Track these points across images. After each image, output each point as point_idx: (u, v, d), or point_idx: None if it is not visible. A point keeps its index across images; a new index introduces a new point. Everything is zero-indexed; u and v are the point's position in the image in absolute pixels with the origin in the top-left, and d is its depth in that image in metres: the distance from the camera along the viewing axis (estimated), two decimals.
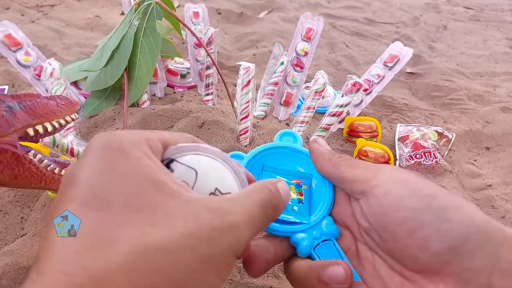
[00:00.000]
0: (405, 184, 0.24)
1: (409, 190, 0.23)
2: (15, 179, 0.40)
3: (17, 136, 0.40)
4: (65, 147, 0.52)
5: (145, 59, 0.74)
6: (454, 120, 1.03)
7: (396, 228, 0.23)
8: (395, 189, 0.24)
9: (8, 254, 0.49)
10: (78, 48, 1.18)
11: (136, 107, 0.78)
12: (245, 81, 0.65)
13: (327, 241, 0.28)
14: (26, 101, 0.41)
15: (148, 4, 0.74)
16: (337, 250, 0.28)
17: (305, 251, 0.28)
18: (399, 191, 0.24)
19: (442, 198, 0.23)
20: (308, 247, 0.28)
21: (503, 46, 1.71)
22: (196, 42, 0.83)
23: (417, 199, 0.23)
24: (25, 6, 1.49)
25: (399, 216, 0.23)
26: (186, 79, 0.94)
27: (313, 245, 0.28)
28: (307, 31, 0.78)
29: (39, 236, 0.53)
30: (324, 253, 0.28)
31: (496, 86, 1.26)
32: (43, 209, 0.57)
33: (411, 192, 0.23)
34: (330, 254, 0.28)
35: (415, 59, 1.42)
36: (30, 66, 0.73)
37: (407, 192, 0.23)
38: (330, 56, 1.35)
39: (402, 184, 0.24)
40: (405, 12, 2.11)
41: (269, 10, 1.82)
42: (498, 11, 2.34)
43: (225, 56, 1.22)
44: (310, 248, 0.28)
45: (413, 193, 0.23)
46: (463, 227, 0.21)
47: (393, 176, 0.25)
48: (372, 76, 0.83)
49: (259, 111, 0.84)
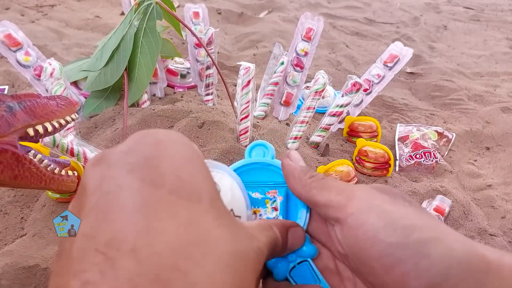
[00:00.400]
0: (380, 213, 0.22)
1: (385, 221, 0.22)
2: (15, 179, 0.40)
3: (17, 136, 0.40)
4: (65, 147, 0.52)
5: (145, 59, 0.74)
6: (454, 120, 1.03)
7: (373, 263, 0.22)
8: (370, 219, 0.22)
9: (8, 254, 0.49)
10: (78, 48, 1.18)
11: (136, 107, 0.78)
12: (245, 81, 0.65)
13: (304, 262, 0.27)
14: (26, 101, 0.41)
15: (148, 4, 0.74)
16: (314, 273, 0.27)
17: (281, 276, 0.27)
18: (375, 221, 0.22)
19: (421, 229, 0.21)
20: (283, 271, 0.27)
21: (503, 46, 1.71)
22: (196, 42, 0.83)
23: (393, 232, 0.21)
24: (25, 6, 1.49)
25: (375, 250, 0.22)
26: (186, 79, 0.94)
27: (289, 269, 0.27)
28: (307, 31, 0.78)
29: (38, 236, 0.52)
30: (301, 276, 0.27)
31: (496, 86, 1.26)
32: (43, 209, 0.57)
33: (386, 223, 0.22)
34: (307, 277, 0.27)
35: (415, 59, 1.42)
36: (30, 66, 0.73)
37: (383, 223, 0.22)
38: (330, 56, 1.35)
39: (377, 214, 0.22)
40: (405, 12, 2.11)
41: (269, 10, 1.82)
42: (498, 11, 2.33)
43: (225, 56, 1.22)
44: (286, 272, 0.27)
45: (389, 225, 0.22)
46: (443, 262, 0.20)
47: (368, 203, 0.23)
48: (372, 76, 0.83)
49: (259, 111, 0.84)
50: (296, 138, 0.73)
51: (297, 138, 0.73)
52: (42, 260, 0.47)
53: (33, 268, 0.47)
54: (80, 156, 0.54)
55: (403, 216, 0.22)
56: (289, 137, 0.73)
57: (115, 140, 0.68)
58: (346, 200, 0.24)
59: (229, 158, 0.65)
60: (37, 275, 0.47)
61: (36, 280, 0.46)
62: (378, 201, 0.23)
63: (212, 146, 0.67)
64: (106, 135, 0.70)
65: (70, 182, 0.48)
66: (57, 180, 0.45)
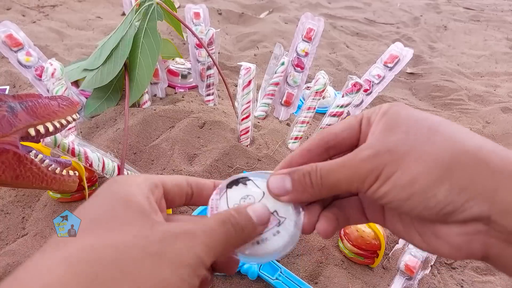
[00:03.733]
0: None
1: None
2: (16, 179, 0.40)
3: (18, 136, 0.40)
4: (66, 147, 0.52)
5: (145, 59, 0.74)
6: (454, 120, 1.03)
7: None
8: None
9: (10, 254, 0.49)
10: (79, 49, 1.19)
11: (137, 107, 0.78)
12: (246, 82, 0.65)
13: None
14: (28, 101, 0.42)
15: (149, 4, 0.74)
16: (275, 264, 0.29)
17: (254, 275, 0.27)
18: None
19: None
20: (254, 271, 0.29)
21: (503, 46, 1.71)
22: (197, 43, 0.84)
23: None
24: (26, 6, 1.49)
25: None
26: (187, 80, 0.94)
27: (258, 267, 0.29)
28: (307, 31, 0.79)
29: (40, 236, 0.53)
30: (266, 270, 0.29)
31: (496, 86, 1.26)
32: (44, 209, 0.57)
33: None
34: (270, 269, 0.29)
35: (416, 59, 1.42)
36: (31, 67, 0.73)
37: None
38: (331, 56, 1.35)
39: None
40: (406, 12, 2.11)
41: (270, 11, 1.82)
42: (498, 11, 2.33)
43: (226, 57, 1.22)
44: (257, 270, 0.29)
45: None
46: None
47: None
48: (372, 76, 0.84)
49: (260, 111, 0.84)
50: (296, 138, 0.73)
51: (297, 138, 0.73)
52: None
53: None
54: (81, 156, 0.54)
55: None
56: (289, 137, 0.73)
57: (116, 140, 0.68)
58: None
59: (230, 158, 0.65)
60: None
61: None
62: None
63: (213, 146, 0.67)
64: (107, 135, 0.71)
65: (71, 182, 0.48)
66: (58, 180, 0.46)
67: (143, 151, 0.68)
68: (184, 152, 0.67)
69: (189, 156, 0.67)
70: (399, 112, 0.23)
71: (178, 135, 0.69)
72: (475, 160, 0.21)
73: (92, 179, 0.58)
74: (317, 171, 0.24)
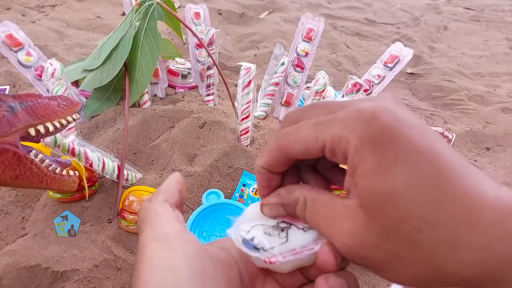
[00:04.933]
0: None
1: None
2: (16, 179, 0.40)
3: (18, 136, 0.40)
4: (66, 147, 0.52)
5: (145, 59, 0.74)
6: (455, 120, 1.03)
7: None
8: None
9: (9, 254, 0.49)
10: (79, 48, 1.19)
11: (137, 107, 0.78)
12: (246, 82, 0.65)
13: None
14: (28, 101, 0.41)
15: (149, 4, 0.74)
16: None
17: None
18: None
19: None
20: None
21: (503, 46, 1.71)
22: (197, 43, 0.84)
23: None
24: (26, 6, 1.49)
25: None
26: (187, 80, 0.94)
27: None
28: (308, 31, 0.79)
29: (40, 236, 0.53)
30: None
31: (496, 86, 1.26)
32: (44, 209, 0.57)
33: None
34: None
35: (416, 59, 1.42)
36: (31, 67, 0.73)
37: None
38: (331, 56, 1.35)
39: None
40: (406, 12, 2.11)
41: (270, 11, 1.82)
42: (498, 12, 2.33)
43: (226, 57, 1.22)
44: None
45: None
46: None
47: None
48: (372, 76, 0.84)
49: (260, 111, 0.84)
50: None
51: None
52: (43, 260, 0.48)
53: (34, 268, 0.47)
54: (81, 156, 0.54)
55: None
56: None
57: (116, 140, 0.68)
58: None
59: (230, 158, 0.65)
60: (38, 275, 0.47)
61: (37, 280, 0.46)
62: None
63: (213, 146, 0.67)
64: (107, 135, 0.71)
65: (71, 182, 0.48)
66: (58, 180, 0.45)
67: (143, 151, 0.68)
68: (184, 152, 0.67)
69: (189, 156, 0.67)
70: (394, 140, 0.17)
71: (178, 135, 0.69)
72: None
73: (92, 179, 0.58)
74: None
